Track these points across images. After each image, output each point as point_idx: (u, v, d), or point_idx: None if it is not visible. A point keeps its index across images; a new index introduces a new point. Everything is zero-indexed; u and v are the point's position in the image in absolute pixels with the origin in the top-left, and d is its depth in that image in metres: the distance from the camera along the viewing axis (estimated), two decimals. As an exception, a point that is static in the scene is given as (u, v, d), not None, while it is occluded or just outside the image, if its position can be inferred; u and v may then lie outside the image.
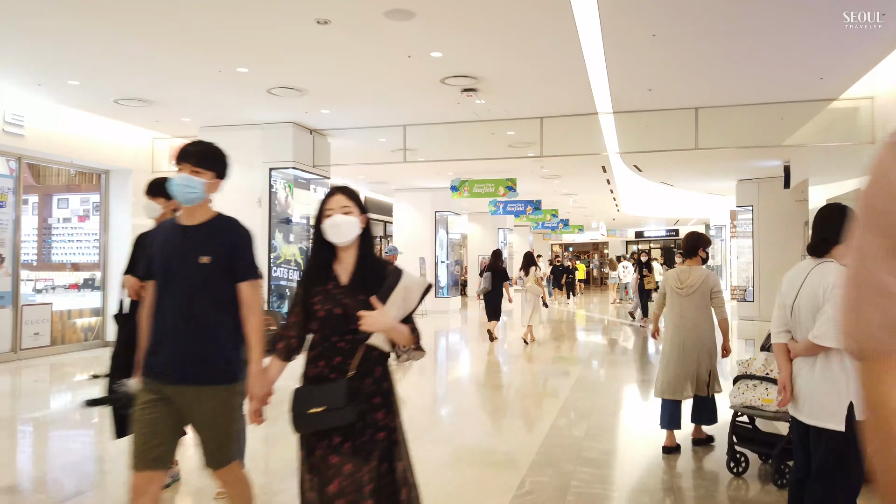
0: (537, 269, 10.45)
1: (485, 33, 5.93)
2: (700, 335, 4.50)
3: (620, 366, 8.68)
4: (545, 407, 5.96)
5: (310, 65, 6.78)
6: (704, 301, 4.56)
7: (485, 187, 14.63)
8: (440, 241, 17.35)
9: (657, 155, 12.37)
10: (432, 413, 6.00)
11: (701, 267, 4.70)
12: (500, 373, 8.14)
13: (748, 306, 14.99)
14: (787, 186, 12.72)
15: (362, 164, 12.35)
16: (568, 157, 12.63)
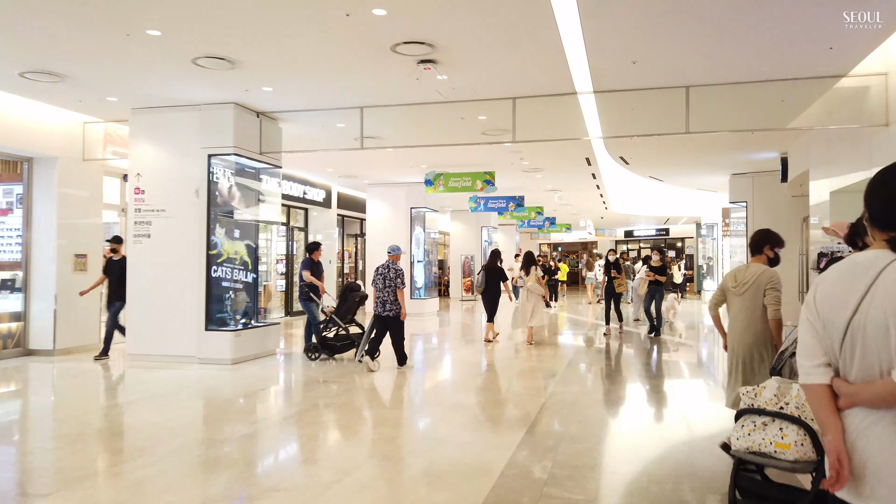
0: (538, 268, 10.34)
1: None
2: (751, 339, 4.15)
3: (598, 380, 7.72)
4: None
5: (234, 27, 5.75)
6: (757, 300, 4.24)
7: (461, 181, 13.64)
8: (416, 239, 16.33)
9: (645, 146, 11.42)
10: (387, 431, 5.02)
11: (759, 263, 4.40)
12: (436, 395, 7.17)
13: (742, 309, 14.05)
14: (784, 180, 11.80)
15: (314, 152, 11.31)
16: (549, 149, 11.67)
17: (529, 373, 7.83)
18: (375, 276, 7.88)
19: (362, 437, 5.03)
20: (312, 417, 5.52)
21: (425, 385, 7.25)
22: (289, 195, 14.79)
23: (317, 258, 9.18)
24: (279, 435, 4.95)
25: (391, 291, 7.70)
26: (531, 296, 10.10)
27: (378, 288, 7.83)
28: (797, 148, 10.90)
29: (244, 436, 4.83)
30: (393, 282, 7.72)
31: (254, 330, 8.68)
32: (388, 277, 7.77)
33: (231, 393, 6.64)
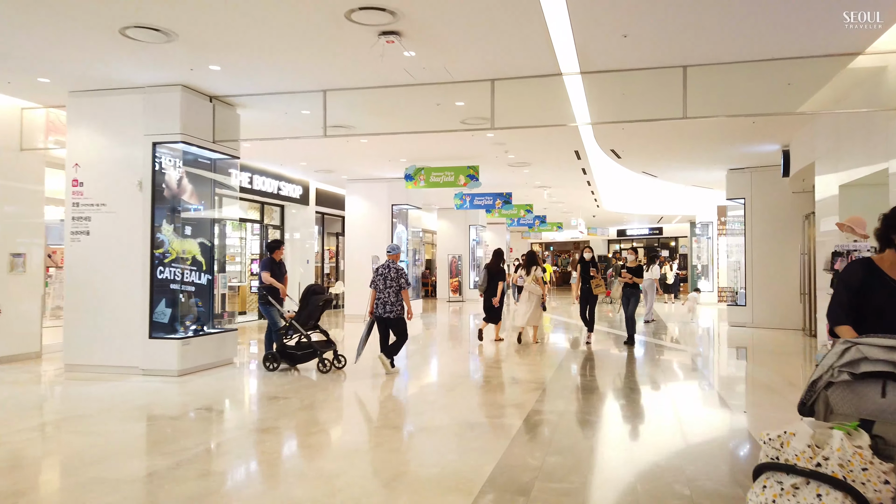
0: (538, 268, 10.34)
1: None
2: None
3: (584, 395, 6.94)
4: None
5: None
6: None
7: (443, 176, 12.83)
8: (399, 237, 15.52)
9: (637, 138, 10.67)
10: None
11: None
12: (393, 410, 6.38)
13: (740, 311, 13.35)
14: (785, 174, 11.08)
15: (281, 143, 10.50)
16: (535, 141, 10.89)
17: (510, 385, 7.05)
18: (375, 277, 7.52)
19: (301, 473, 4.22)
20: (250, 446, 4.72)
21: (392, 402, 6.45)
22: (262, 191, 13.96)
23: (278, 257, 8.36)
24: (203, 469, 4.14)
25: (393, 292, 7.39)
26: (531, 296, 10.09)
27: (378, 289, 7.47)
28: (800, 140, 10.17)
29: (158, 471, 4.01)
30: (395, 282, 7.40)
31: (206, 338, 7.85)
32: (388, 278, 7.45)
33: (163, 411, 5.82)
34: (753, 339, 11.68)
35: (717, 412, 5.97)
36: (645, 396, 6.56)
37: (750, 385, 7.46)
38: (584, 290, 10.26)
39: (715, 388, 7.16)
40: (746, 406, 5.99)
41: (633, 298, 10.09)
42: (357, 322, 14.37)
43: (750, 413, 5.68)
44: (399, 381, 7.39)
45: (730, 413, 5.81)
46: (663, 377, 7.79)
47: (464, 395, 6.53)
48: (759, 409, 5.91)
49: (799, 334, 11.90)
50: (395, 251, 7.74)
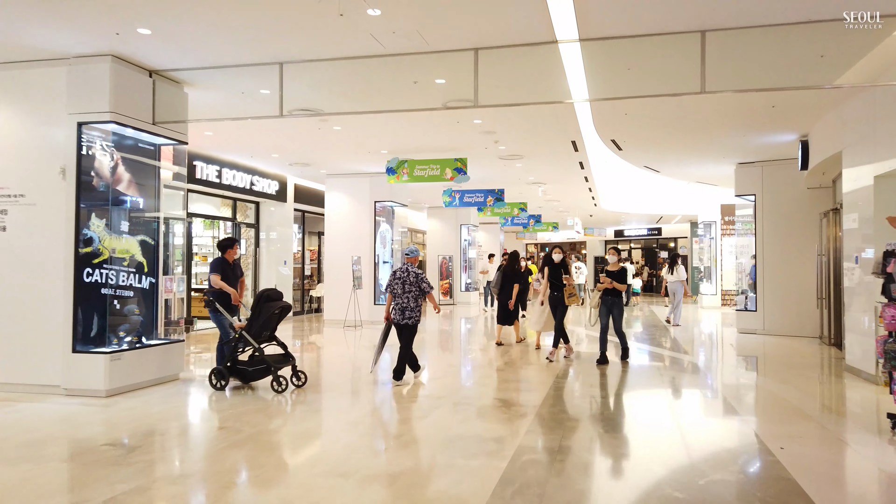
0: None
1: None
2: None
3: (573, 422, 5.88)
4: None
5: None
6: None
7: (428, 169, 11.77)
8: (382, 236, 14.45)
9: (640, 128, 9.63)
10: None
11: None
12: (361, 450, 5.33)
13: (750, 317, 12.32)
14: (804, 167, 10.05)
15: (237, 129, 9.41)
16: (528, 129, 9.83)
17: (495, 410, 5.98)
18: (392, 281, 7.05)
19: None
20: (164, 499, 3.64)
21: (348, 434, 5.37)
22: (232, 185, 12.87)
23: (231, 258, 7.26)
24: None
25: (412, 297, 6.96)
26: (547, 301, 9.71)
27: (396, 294, 7.01)
28: (822, 128, 9.14)
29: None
30: (414, 286, 6.96)
31: (144, 351, 6.75)
32: (407, 282, 6.97)
33: (57, 448, 4.71)
34: (767, 349, 10.64)
35: (748, 446, 4.93)
36: (655, 428, 5.50)
37: (778, 410, 6.42)
38: (553, 298, 8.72)
39: (739, 411, 6.11)
40: (782, 440, 4.95)
41: (617, 309, 8.40)
42: (336, 328, 13.30)
43: (788, 450, 4.63)
44: (364, 403, 6.31)
45: (762, 449, 4.76)
46: (675, 402, 6.73)
47: (440, 423, 5.45)
48: (798, 442, 4.86)
49: (815, 343, 10.88)
50: (413, 254, 7.28)
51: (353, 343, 11.32)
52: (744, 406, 6.40)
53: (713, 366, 9.15)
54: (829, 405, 6.55)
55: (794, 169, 11.85)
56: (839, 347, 10.22)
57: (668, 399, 6.65)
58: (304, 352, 10.25)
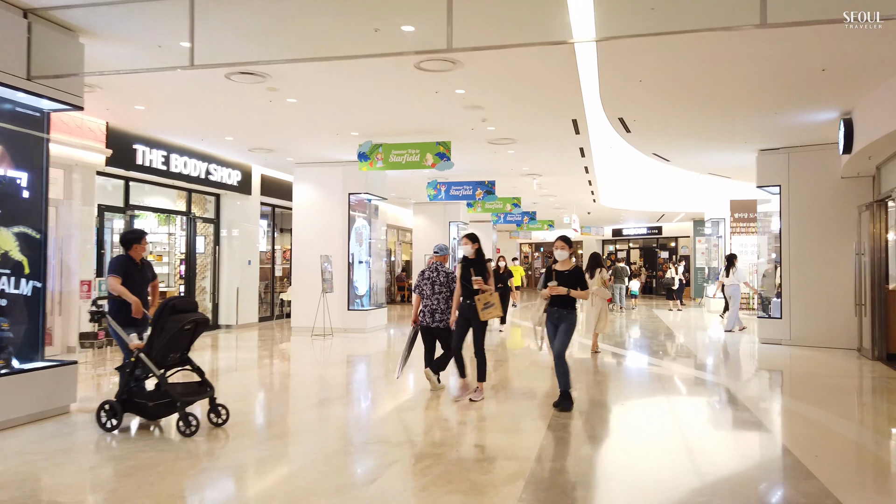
0: (603, 270, 9.61)
1: None
2: None
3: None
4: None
5: None
6: None
7: (406, 155, 10.18)
8: (358, 233, 12.84)
9: (654, 104, 8.10)
10: None
11: None
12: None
13: (773, 325, 10.79)
14: (846, 151, 8.51)
15: (167, 102, 7.75)
16: (522, 105, 8.27)
17: (475, 466, 4.40)
18: (421, 281, 6.56)
19: None
20: None
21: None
22: (183, 174, 11.23)
23: (138, 256, 5.62)
24: None
25: (442, 299, 6.47)
26: (596, 300, 9.39)
27: (425, 295, 6.51)
28: (872, 103, 7.59)
29: None
30: (445, 287, 6.49)
31: (14, 378, 5.13)
32: (436, 282, 6.48)
33: None
34: (797, 363, 9.11)
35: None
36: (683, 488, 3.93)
37: (828, 443, 4.87)
38: (464, 308, 6.14)
39: (780, 443, 4.56)
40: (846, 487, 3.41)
41: (565, 325, 5.80)
42: (304, 336, 11.70)
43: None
44: (295, 455, 4.71)
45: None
46: (723, 461, 5.16)
47: (397, 484, 3.87)
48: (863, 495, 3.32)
49: (853, 356, 9.36)
50: (443, 252, 6.77)
51: (317, 356, 9.71)
52: (787, 432, 4.84)
53: (748, 391, 7.59)
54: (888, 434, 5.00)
55: (825, 155, 10.34)
56: (886, 363, 8.72)
57: (711, 458, 5.08)
58: (248, 370, 8.64)
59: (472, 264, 6.16)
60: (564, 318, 5.83)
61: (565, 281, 5.82)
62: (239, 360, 9.64)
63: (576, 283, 5.83)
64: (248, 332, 12.66)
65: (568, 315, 5.85)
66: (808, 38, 5.72)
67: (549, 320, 5.92)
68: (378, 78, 7.07)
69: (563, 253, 5.99)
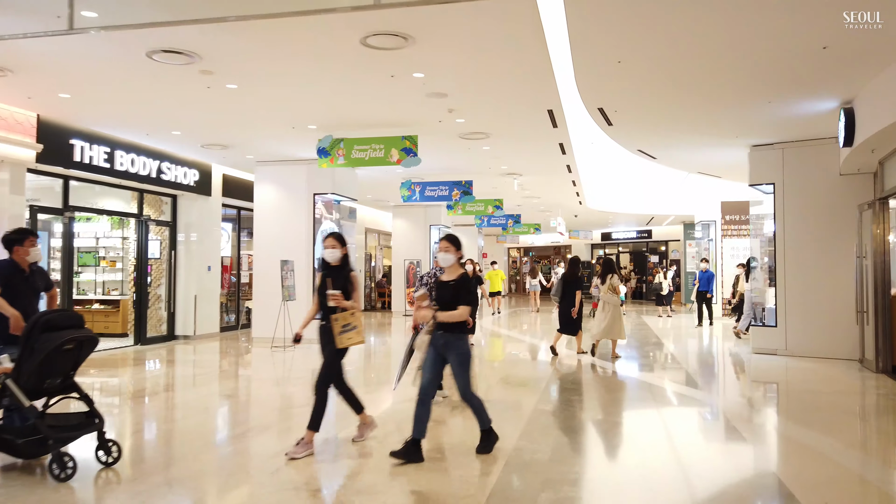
0: (614, 276, 9.55)
1: None
2: None
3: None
4: None
5: None
6: None
7: (370, 150, 9.36)
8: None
9: (635, 92, 7.33)
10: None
11: None
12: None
13: (768, 333, 10.01)
14: (847, 144, 7.75)
15: (100, 96, 6.83)
16: (490, 93, 7.48)
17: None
18: (419, 287, 6.17)
19: None
20: None
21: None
22: (130, 172, 10.32)
23: (23, 260, 4.74)
24: None
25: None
26: (607, 306, 9.38)
27: None
28: (877, 90, 6.83)
29: None
30: None
31: None
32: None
33: None
34: (794, 377, 8.33)
35: None
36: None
37: (839, 485, 4.06)
38: (322, 330, 4.74)
39: (781, 484, 3.75)
40: None
41: (454, 357, 4.47)
42: (264, 348, 10.82)
43: None
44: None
45: None
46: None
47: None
48: None
49: (854, 368, 8.59)
50: None
51: (268, 372, 8.84)
52: (799, 478, 4.02)
53: (740, 413, 6.78)
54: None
55: (823, 151, 9.60)
56: (891, 376, 7.95)
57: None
58: (181, 390, 7.76)
59: (333, 273, 4.75)
60: (451, 346, 4.45)
61: (445, 294, 4.51)
62: (179, 377, 8.74)
63: (456, 298, 4.44)
64: (206, 343, 11.76)
65: (456, 342, 4.46)
66: (808, 10, 4.95)
67: (432, 346, 4.54)
68: (321, 58, 6.23)
69: (448, 257, 4.59)
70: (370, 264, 22.36)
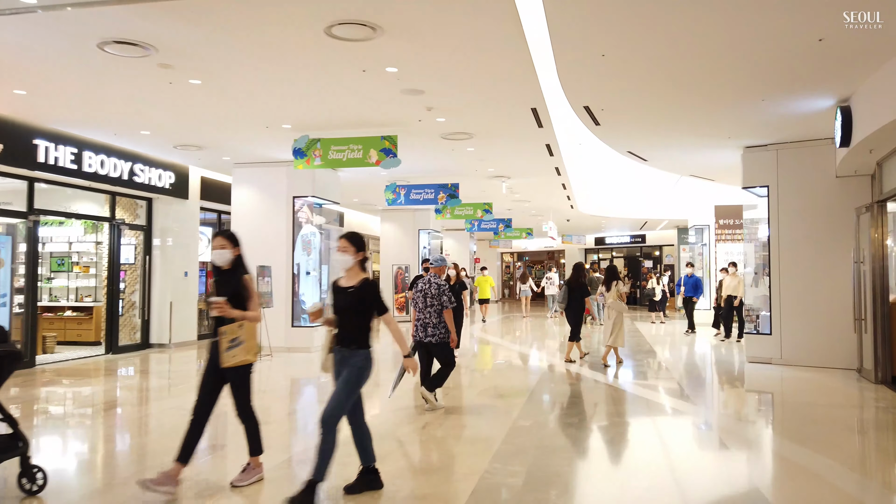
0: (619, 283, 9.51)
1: None
2: None
3: None
4: None
5: None
6: None
7: (348, 151, 8.99)
8: (305, 241, 11.57)
9: (622, 90, 6.98)
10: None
11: None
12: None
13: (763, 341, 9.65)
14: (844, 144, 7.40)
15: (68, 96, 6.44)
16: (470, 90, 7.11)
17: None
18: (415, 293, 6.47)
19: None
20: None
21: None
22: (99, 174, 9.90)
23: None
24: None
25: (434, 312, 6.31)
26: (611, 312, 9.37)
27: (418, 308, 6.42)
28: (875, 87, 6.49)
29: None
30: (436, 300, 6.30)
31: None
32: (429, 295, 6.34)
33: None
34: (790, 388, 7.97)
35: None
36: None
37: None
38: (212, 347, 4.07)
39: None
40: None
41: (347, 373, 3.78)
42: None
43: None
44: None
45: None
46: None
47: None
48: None
49: (852, 378, 8.23)
50: (439, 263, 6.71)
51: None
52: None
53: (732, 429, 6.39)
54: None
55: (818, 152, 9.26)
56: (891, 387, 7.59)
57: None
58: (141, 405, 7.32)
59: (224, 277, 4.07)
60: (347, 361, 3.77)
61: (342, 303, 3.83)
62: (141, 389, 8.30)
63: (358, 306, 3.78)
64: (181, 352, 11.33)
65: (352, 356, 3.76)
66: (803, 1, 4.61)
67: (335, 363, 3.88)
68: (286, 50, 5.86)
69: (346, 258, 3.87)
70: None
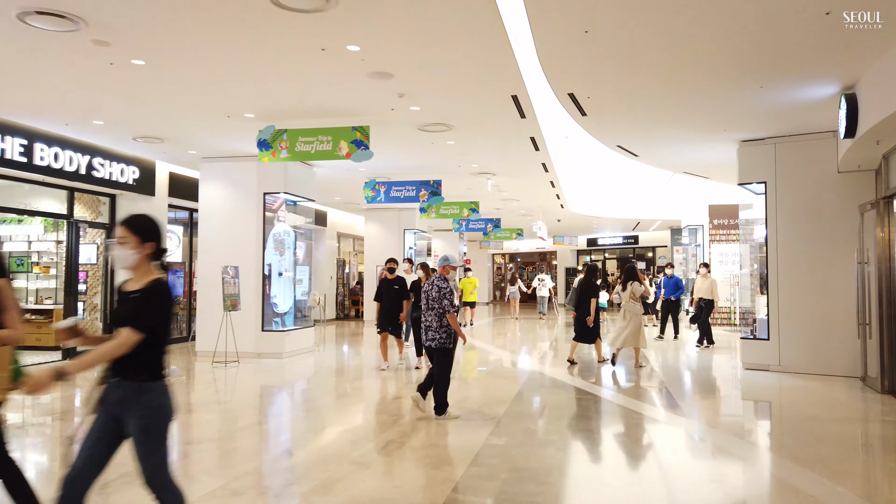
0: (634, 283, 9.27)
1: None
2: None
3: None
4: None
5: None
6: None
7: (316, 143, 8.37)
8: (277, 240, 10.93)
9: (608, 78, 6.39)
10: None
11: None
12: None
13: (760, 347, 9.08)
14: (849, 135, 6.83)
15: None
16: (443, 72, 6.51)
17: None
18: (421, 295, 6.30)
19: None
20: None
21: None
22: (52, 168, 9.24)
23: None
24: None
25: (434, 315, 6.05)
26: (627, 314, 9.19)
27: (421, 310, 6.24)
28: (883, 73, 5.92)
29: None
30: (437, 302, 6.03)
31: None
32: (430, 297, 6.08)
33: None
34: (789, 399, 7.39)
35: None
36: None
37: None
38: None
39: None
40: None
41: (138, 419, 2.69)
42: (206, 363, 9.76)
43: None
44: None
45: None
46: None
47: None
48: None
49: (856, 388, 7.67)
50: (444, 262, 6.35)
51: (193, 394, 7.76)
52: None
53: (725, 446, 5.79)
54: None
55: (819, 146, 8.71)
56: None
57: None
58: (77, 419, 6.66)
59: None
60: (132, 403, 2.66)
61: (124, 312, 2.64)
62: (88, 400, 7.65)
63: (133, 314, 2.58)
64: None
65: (139, 394, 2.66)
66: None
67: (103, 404, 2.74)
68: (231, 24, 5.23)
69: (126, 254, 2.69)
70: (343, 270, 21.33)
